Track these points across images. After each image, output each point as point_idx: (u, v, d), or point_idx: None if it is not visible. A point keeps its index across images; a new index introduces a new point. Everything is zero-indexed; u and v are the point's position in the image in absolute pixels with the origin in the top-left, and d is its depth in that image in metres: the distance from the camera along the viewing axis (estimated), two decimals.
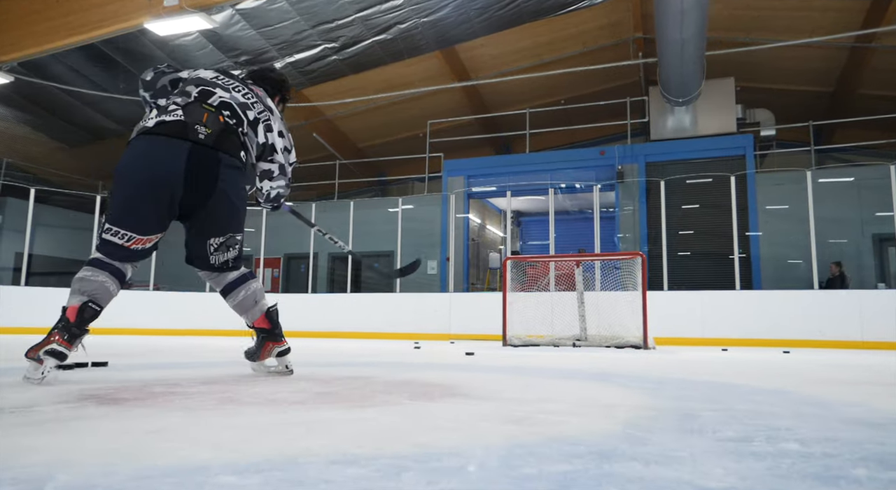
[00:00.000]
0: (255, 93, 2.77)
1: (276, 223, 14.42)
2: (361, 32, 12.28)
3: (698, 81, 10.59)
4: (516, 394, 1.97)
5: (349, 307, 11.76)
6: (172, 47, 12.18)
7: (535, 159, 12.85)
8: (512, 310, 8.24)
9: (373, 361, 3.92)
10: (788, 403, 1.85)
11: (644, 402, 1.79)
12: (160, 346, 6.48)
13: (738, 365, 4.34)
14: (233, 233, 2.63)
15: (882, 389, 2.46)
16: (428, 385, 2.22)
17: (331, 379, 2.52)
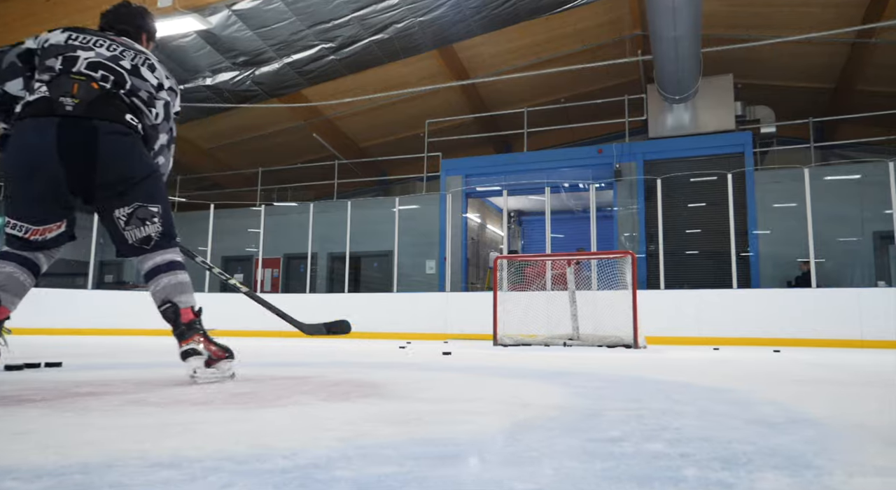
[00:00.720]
0: (119, 41, 2.52)
1: (275, 223, 14.48)
2: (358, 32, 12.29)
3: (695, 78, 10.49)
4: (439, 394, 1.94)
5: (347, 307, 11.76)
6: (171, 49, 12.25)
7: (533, 158, 12.80)
8: (503, 309, 8.21)
9: (335, 361, 3.91)
10: (707, 402, 1.82)
11: (563, 401, 1.76)
12: (145, 347, 6.52)
13: (713, 364, 4.29)
14: (142, 203, 2.33)
15: (831, 389, 2.41)
16: (359, 385, 2.20)
17: (265, 379, 2.49)
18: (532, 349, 7.11)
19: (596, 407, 1.63)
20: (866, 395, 2.25)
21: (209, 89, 13.64)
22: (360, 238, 13.73)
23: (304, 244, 13.34)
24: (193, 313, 2.49)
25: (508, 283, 9.61)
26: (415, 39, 12.64)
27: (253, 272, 13.29)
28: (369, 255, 14.20)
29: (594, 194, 10.95)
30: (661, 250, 10.28)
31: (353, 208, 13.59)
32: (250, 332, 11.52)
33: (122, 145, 2.31)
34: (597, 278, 9.21)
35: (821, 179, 10.90)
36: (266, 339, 10.16)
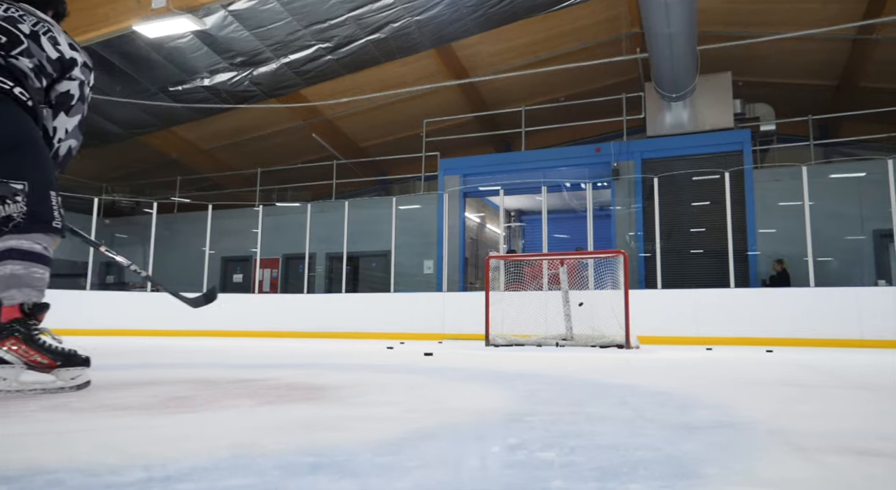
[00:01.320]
0: (20, 6, 2.34)
1: (274, 224, 14.50)
2: (355, 32, 12.27)
3: (692, 76, 10.40)
4: (371, 398, 1.89)
5: (344, 308, 11.76)
6: (169, 49, 12.28)
7: (531, 157, 12.73)
8: (496, 309, 8.16)
9: (308, 363, 3.87)
10: (647, 406, 1.77)
11: (492, 406, 1.73)
12: (135, 348, 6.52)
13: (692, 365, 4.23)
14: (2, 178, 2.02)
15: (786, 391, 2.35)
16: (301, 389, 2.16)
17: (213, 382, 2.43)
18: (522, 350, 7.06)
19: (522, 411, 1.58)
20: (828, 397, 2.19)
21: (207, 90, 13.67)
22: (358, 238, 13.73)
23: (303, 244, 13.35)
24: (21, 312, 2.09)
25: (506, 282, 9.57)
26: (412, 39, 12.61)
27: (252, 272, 13.29)
28: (368, 255, 14.19)
29: (591, 193, 10.88)
30: (657, 249, 10.20)
31: (351, 208, 13.59)
32: (260, 332, 11.54)
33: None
34: (593, 278, 9.15)
35: (821, 177, 10.78)
36: (274, 339, 10.16)
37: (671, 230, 11.25)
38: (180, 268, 14.53)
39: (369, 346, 7.54)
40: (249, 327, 11.71)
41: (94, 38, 10.33)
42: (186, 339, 9.40)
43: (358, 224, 13.67)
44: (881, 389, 2.52)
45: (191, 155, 16.84)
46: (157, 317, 11.49)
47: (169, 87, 13.49)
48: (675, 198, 11.44)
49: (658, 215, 10.25)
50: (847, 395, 2.29)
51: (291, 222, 14.27)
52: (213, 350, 6.03)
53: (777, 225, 10.77)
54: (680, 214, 11.41)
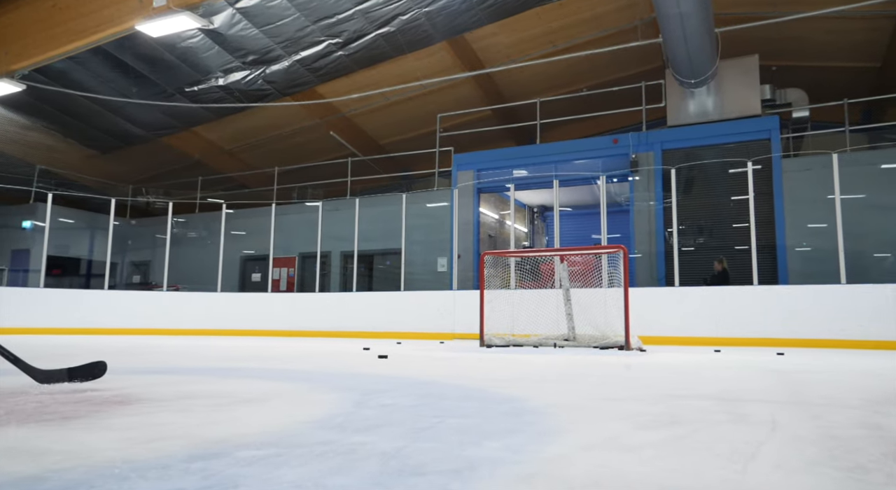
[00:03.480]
0: None
1: (290, 222, 14.46)
2: (363, 26, 12.06)
3: (711, 60, 9.75)
4: (152, 418, 1.64)
5: (353, 306, 11.57)
6: (182, 50, 12.35)
7: (546, 150, 12.26)
8: (494, 308, 7.79)
9: (212, 368, 3.64)
10: (455, 418, 1.44)
11: (355, 412, 1.43)
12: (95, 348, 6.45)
13: (671, 370, 3.79)
14: None
15: (710, 407, 1.95)
16: (128, 400, 1.92)
17: (64, 393, 2.23)
18: (512, 351, 6.68)
19: (372, 418, 1.29)
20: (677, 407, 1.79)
21: (222, 90, 13.72)
22: (372, 236, 13.55)
23: (320, 243, 13.22)
24: None
25: (503, 281, 9.19)
26: (422, 31, 12.32)
27: (270, 272, 13.27)
28: (382, 253, 13.98)
29: (604, 186, 10.36)
30: (675, 244, 9.62)
31: (365, 206, 13.42)
32: (273, 331, 11.49)
33: None
34: (598, 275, 8.65)
35: (860, 165, 9.98)
36: (285, 338, 10.06)
37: (693, 224, 10.63)
38: (200, 267, 14.65)
39: (348, 346, 7.29)
40: (264, 326, 11.67)
41: (103, 39, 10.44)
42: (185, 339, 9.37)
43: (372, 222, 13.48)
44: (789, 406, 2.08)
45: (213, 155, 17.00)
46: (176, 316, 11.56)
47: (185, 87, 13.59)
48: (697, 190, 10.80)
49: (676, 208, 9.67)
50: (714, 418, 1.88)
51: (307, 221, 14.20)
52: (178, 351, 5.88)
53: (808, 217, 10.02)
54: (702, 207, 10.76)
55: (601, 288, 8.00)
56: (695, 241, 10.73)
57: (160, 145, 16.19)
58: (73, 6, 10.34)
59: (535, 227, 16.77)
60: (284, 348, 6.46)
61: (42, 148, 15.65)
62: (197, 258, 15.15)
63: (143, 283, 16.01)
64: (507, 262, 9.39)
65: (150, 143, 16.14)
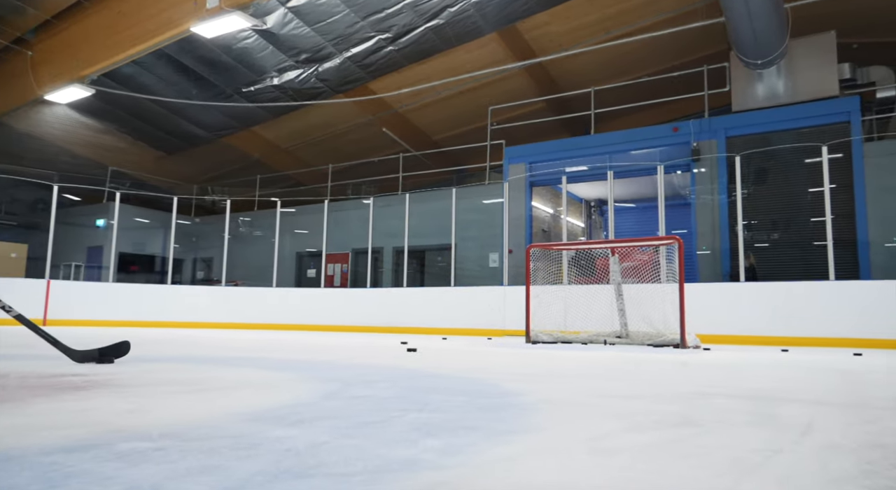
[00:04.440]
0: None
1: (341, 219, 14.57)
2: (412, 20, 11.97)
3: (780, 38, 9.03)
4: (110, 403, 1.55)
5: (403, 301, 11.51)
6: (238, 51, 12.64)
7: (600, 141, 11.78)
8: (539, 303, 7.51)
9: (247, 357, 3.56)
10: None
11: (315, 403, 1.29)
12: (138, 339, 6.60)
13: (719, 368, 3.43)
14: None
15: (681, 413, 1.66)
16: (141, 385, 1.83)
17: (39, 378, 2.19)
18: (558, 348, 6.38)
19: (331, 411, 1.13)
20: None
21: (277, 89, 13.98)
22: (424, 231, 13.46)
23: (372, 239, 13.26)
24: None
25: (572, 275, 8.83)
26: (472, 22, 12.10)
27: (321, 267, 13.42)
28: (433, 249, 13.87)
29: (662, 177, 9.82)
30: (740, 238, 8.99)
31: (417, 202, 13.36)
32: (327, 326, 11.61)
33: None
34: (665, 270, 8.19)
35: None
36: (338, 333, 10.14)
37: (766, 217, 9.92)
38: (259, 263, 15.00)
39: (389, 341, 7.16)
40: (315, 321, 11.78)
41: (162, 42, 10.79)
42: (233, 332, 9.55)
43: (423, 218, 13.40)
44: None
45: (272, 154, 17.39)
46: (232, 310, 11.86)
47: (242, 88, 13.93)
48: (769, 179, 10.07)
49: (741, 200, 9.04)
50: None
51: (359, 217, 14.26)
52: (213, 342, 5.92)
53: (894, 206, 9.14)
54: (775, 198, 10.02)
55: (657, 282, 7.55)
56: (769, 237, 10.02)
57: (222, 145, 16.71)
58: (135, 12, 10.74)
59: (592, 221, 16.22)
60: (321, 341, 6.42)
61: (115, 150, 16.47)
62: (256, 255, 15.53)
63: (207, 279, 16.57)
64: (557, 256, 9.04)
65: (213, 143, 16.68)
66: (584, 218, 16.23)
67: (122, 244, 15.83)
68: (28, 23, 11.95)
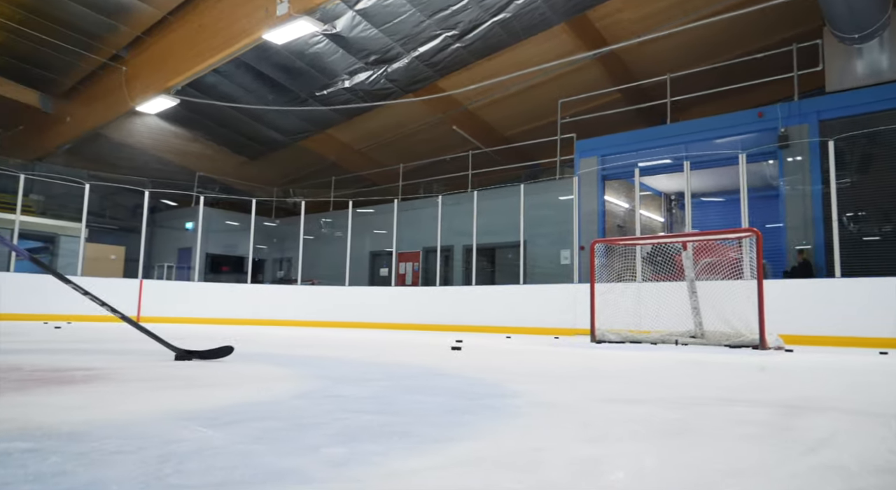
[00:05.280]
0: None
1: (413, 218, 14.66)
2: (479, 15, 11.85)
3: (880, 8, 8.17)
4: (163, 384, 1.54)
5: (472, 300, 11.42)
6: (310, 56, 13.01)
7: (676, 131, 11.16)
8: (605, 301, 7.19)
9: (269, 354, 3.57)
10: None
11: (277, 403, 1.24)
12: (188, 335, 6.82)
13: (781, 371, 3.10)
14: None
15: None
16: (129, 380, 1.85)
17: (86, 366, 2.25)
18: (624, 348, 6.07)
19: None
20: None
21: (348, 92, 14.26)
22: (494, 229, 13.31)
23: (442, 237, 13.26)
24: None
25: (651, 272, 8.44)
26: (539, 14, 11.82)
27: (392, 266, 13.57)
28: (504, 246, 13.68)
29: (744, 166, 9.16)
30: (835, 231, 8.24)
31: (486, 199, 13.23)
32: (398, 324, 11.75)
33: None
34: (748, 265, 7.65)
35: None
36: (411, 332, 10.24)
37: (875, 208, 9.05)
38: (335, 262, 15.37)
39: (442, 339, 7.07)
40: (386, 319, 11.92)
41: (237, 51, 11.26)
42: (299, 330, 9.77)
43: (493, 215, 13.25)
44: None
45: (346, 156, 17.80)
46: (305, 308, 12.22)
47: (315, 92, 14.33)
48: (870, 165, 9.17)
49: (835, 187, 8.28)
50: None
51: (430, 216, 14.29)
52: (264, 339, 6.05)
53: None
54: (879, 185, 9.11)
55: (737, 279, 7.04)
56: (880, 230, 9.12)
57: (299, 149, 17.29)
58: (213, 24, 11.28)
59: (672, 215, 15.45)
60: (373, 338, 6.43)
61: (202, 157, 17.43)
62: (333, 254, 15.94)
63: (286, 278, 17.20)
64: (629, 252, 8.63)
65: (291, 147, 17.29)
66: (664, 212, 15.49)
67: (212, 246, 16.74)
68: (122, 40, 12.85)
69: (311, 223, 16.98)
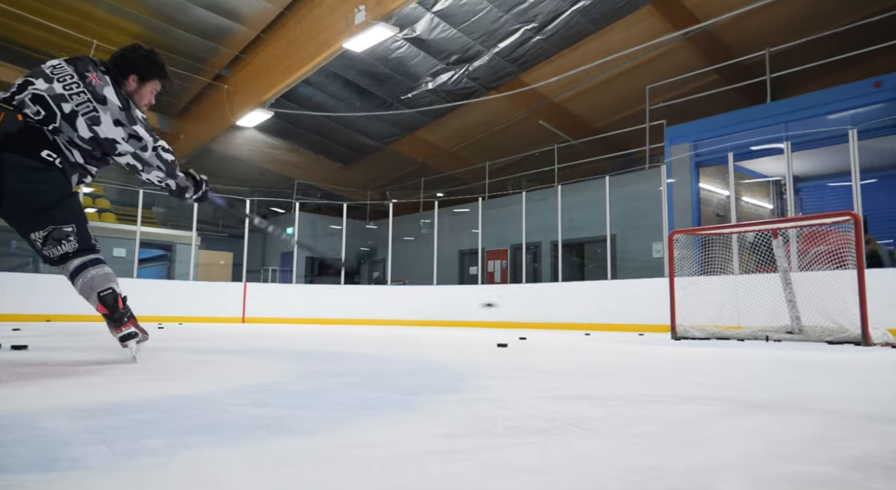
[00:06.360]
0: (87, 81, 2.62)
1: (500, 215, 14.57)
2: (557, 5, 11.59)
3: None
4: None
5: (558, 296, 11.19)
6: (393, 61, 13.33)
7: (776, 109, 10.25)
8: (686, 294, 6.79)
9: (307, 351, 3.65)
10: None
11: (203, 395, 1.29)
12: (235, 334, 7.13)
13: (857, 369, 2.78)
14: (55, 225, 2.58)
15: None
16: (88, 374, 1.99)
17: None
18: (708, 344, 5.70)
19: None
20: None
21: (432, 93, 14.45)
22: (583, 223, 12.95)
23: (530, 233, 13.10)
24: (123, 301, 2.73)
25: (757, 264, 7.87)
26: None
27: (483, 264, 13.60)
28: (593, 241, 13.27)
29: (855, 144, 8.26)
30: None
31: (575, 193, 12.93)
32: (483, 323, 11.80)
33: (31, 176, 2.51)
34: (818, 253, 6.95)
35: None
36: (491, 329, 10.25)
37: None
38: (426, 262, 15.64)
39: (510, 337, 6.95)
40: (470, 318, 11.96)
41: (321, 61, 11.74)
42: (373, 329, 9.99)
43: (581, 209, 12.89)
44: None
45: (436, 156, 18.04)
46: (392, 308, 12.54)
47: (401, 95, 14.65)
48: None
49: None
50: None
51: (517, 213, 14.16)
52: (322, 338, 6.24)
53: None
54: None
55: (844, 269, 6.39)
56: None
57: (389, 152, 17.76)
58: (299, 39, 11.87)
59: (784, 202, 14.22)
60: (430, 336, 6.46)
61: (301, 165, 18.39)
62: (424, 254, 16.22)
63: (380, 279, 17.72)
64: (724, 241, 8.07)
65: (381, 151, 17.81)
66: (774, 198, 14.30)
67: (319, 250, 17.62)
68: (223, 61, 13.85)
69: (410, 224, 17.39)
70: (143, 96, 2.88)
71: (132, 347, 2.72)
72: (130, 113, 2.74)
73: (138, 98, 2.86)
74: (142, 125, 2.78)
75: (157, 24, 12.28)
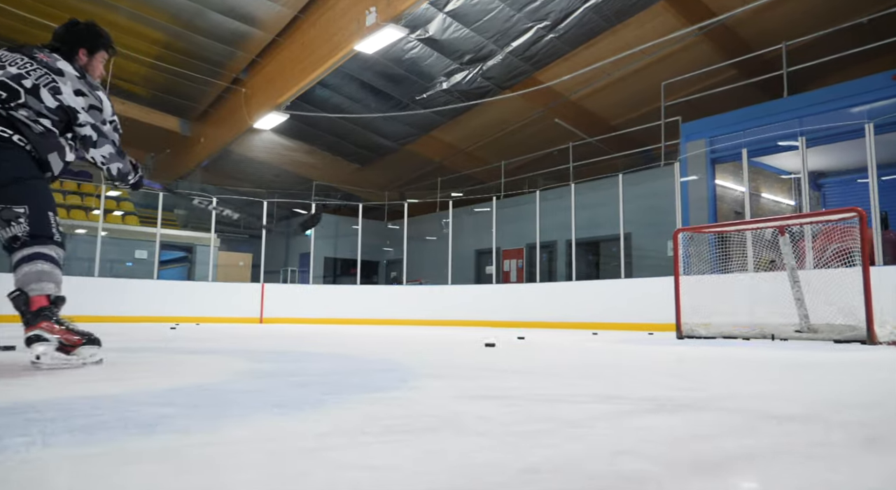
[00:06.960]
0: (38, 59, 2.64)
1: (515, 214, 14.53)
2: (569, 3, 11.53)
3: None
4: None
5: (572, 295, 11.13)
6: (407, 62, 13.40)
7: (792, 104, 10.03)
8: (691, 293, 6.73)
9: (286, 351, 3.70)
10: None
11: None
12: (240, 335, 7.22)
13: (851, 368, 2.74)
14: (4, 204, 2.47)
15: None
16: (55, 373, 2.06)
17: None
18: (711, 343, 5.65)
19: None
20: None
21: (447, 93, 14.48)
22: (598, 221, 12.86)
23: (545, 232, 13.06)
24: (48, 301, 2.52)
25: (767, 262, 7.76)
26: None
27: (499, 263, 13.59)
28: (607, 239, 13.16)
29: (872, 138, 8.04)
30: None
31: (589, 191, 12.84)
32: (495, 322, 11.81)
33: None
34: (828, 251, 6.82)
35: None
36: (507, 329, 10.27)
37: None
38: (442, 262, 15.69)
39: (511, 336, 6.95)
40: (483, 317, 11.97)
41: (334, 64, 11.87)
42: (380, 328, 10.05)
43: (596, 207, 12.80)
44: None
45: (452, 156, 18.06)
46: (405, 307, 12.62)
47: (416, 96, 14.71)
48: None
49: None
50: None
51: (532, 212, 14.11)
52: (319, 337, 6.31)
53: None
54: None
55: (851, 266, 6.25)
56: None
57: (406, 153, 17.84)
58: (313, 42, 12.01)
59: (811, 197, 13.87)
60: (426, 336, 6.49)
61: (319, 167, 18.59)
62: (442, 253, 16.27)
63: (396, 279, 17.82)
64: (739, 238, 7.94)
65: (398, 152, 17.90)
66: (795, 195, 13.98)
67: (335, 250, 17.82)
68: (240, 64, 14.09)
69: (429, 223, 17.44)
70: (95, 68, 2.89)
71: (45, 352, 2.45)
72: (87, 81, 2.76)
73: (91, 70, 2.86)
74: (102, 91, 2.82)
75: (176, 29, 12.55)
